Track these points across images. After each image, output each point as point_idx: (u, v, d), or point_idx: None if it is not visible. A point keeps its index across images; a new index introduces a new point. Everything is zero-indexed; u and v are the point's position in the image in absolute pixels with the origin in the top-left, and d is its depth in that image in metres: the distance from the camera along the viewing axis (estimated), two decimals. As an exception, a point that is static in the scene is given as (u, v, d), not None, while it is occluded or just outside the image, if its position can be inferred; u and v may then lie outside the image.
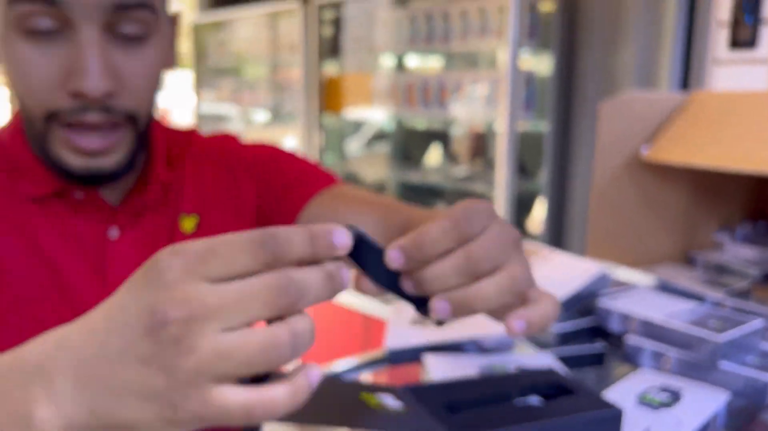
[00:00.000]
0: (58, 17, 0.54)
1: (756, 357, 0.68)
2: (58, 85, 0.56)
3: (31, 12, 0.54)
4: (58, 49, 0.55)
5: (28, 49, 0.55)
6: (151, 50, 0.60)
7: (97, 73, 0.55)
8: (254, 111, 3.18)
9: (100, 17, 0.55)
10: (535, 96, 1.94)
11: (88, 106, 0.56)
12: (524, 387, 0.54)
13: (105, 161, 0.60)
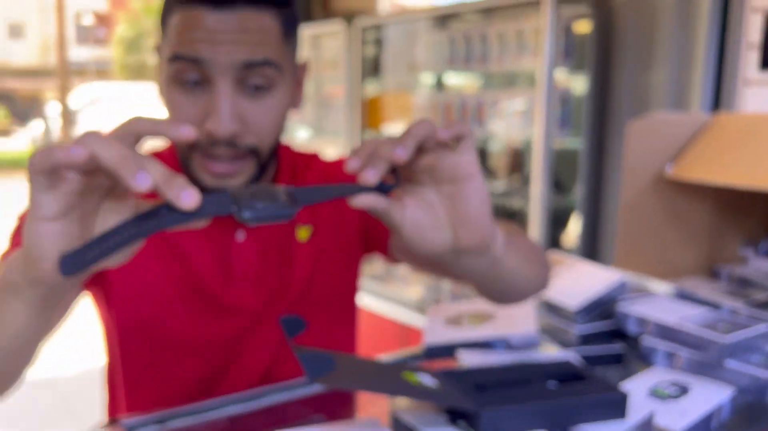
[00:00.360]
0: (201, 72, 0.67)
1: (762, 357, 0.75)
2: (197, 124, 0.68)
3: (183, 68, 0.68)
4: (200, 97, 0.69)
5: (178, 95, 0.69)
6: (274, 99, 0.71)
7: (225, 119, 0.67)
8: (299, 126, 3.33)
9: (232, 73, 0.67)
10: (570, 114, 2.01)
11: (217, 142, 0.69)
12: (543, 374, 0.63)
13: (231, 182, 0.72)
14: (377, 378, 0.55)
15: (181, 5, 0.68)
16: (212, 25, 0.66)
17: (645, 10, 1.93)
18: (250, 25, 0.67)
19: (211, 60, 0.66)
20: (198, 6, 0.67)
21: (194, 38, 0.67)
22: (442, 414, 0.58)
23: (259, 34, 0.68)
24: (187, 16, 0.67)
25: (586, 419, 0.57)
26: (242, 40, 0.67)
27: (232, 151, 0.69)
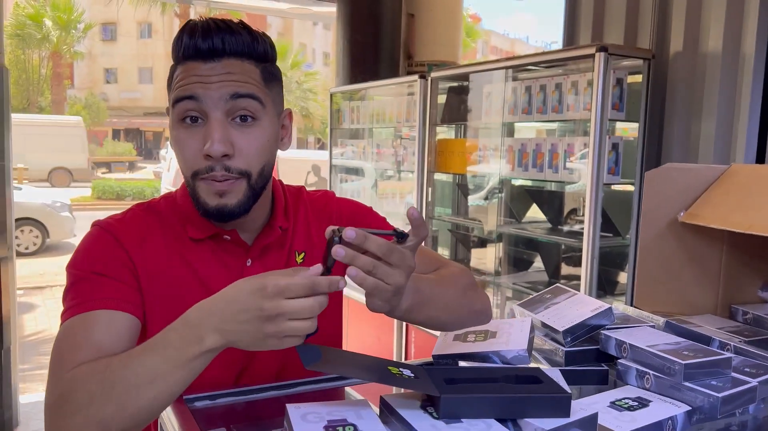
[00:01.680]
0: (199, 110, 0.86)
1: (720, 382, 0.85)
2: (198, 153, 0.86)
3: (184, 107, 0.86)
4: (199, 131, 0.86)
5: (183, 132, 0.88)
6: (259, 130, 0.88)
7: (217, 141, 0.84)
8: (380, 166, 3.57)
9: (222, 106, 0.85)
10: (623, 160, 2.10)
11: (214, 167, 0.86)
12: (507, 376, 0.78)
13: (228, 200, 0.88)
14: (364, 368, 0.73)
15: (180, 63, 0.88)
16: (204, 72, 0.85)
17: (694, 64, 2.02)
18: (234, 69, 0.86)
19: (205, 95, 0.84)
20: (192, 61, 0.86)
21: (190, 82, 0.85)
22: (418, 402, 0.74)
23: (243, 75, 0.87)
24: (185, 68, 0.87)
25: (532, 413, 0.72)
26: (229, 79, 0.85)
27: (225, 174, 0.86)
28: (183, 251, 0.95)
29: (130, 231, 0.93)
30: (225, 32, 0.87)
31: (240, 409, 0.90)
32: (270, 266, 0.97)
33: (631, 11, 2.35)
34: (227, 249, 0.97)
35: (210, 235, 0.95)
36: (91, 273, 0.87)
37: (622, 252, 2.28)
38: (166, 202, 1.00)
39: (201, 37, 0.86)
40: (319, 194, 1.11)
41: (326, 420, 0.67)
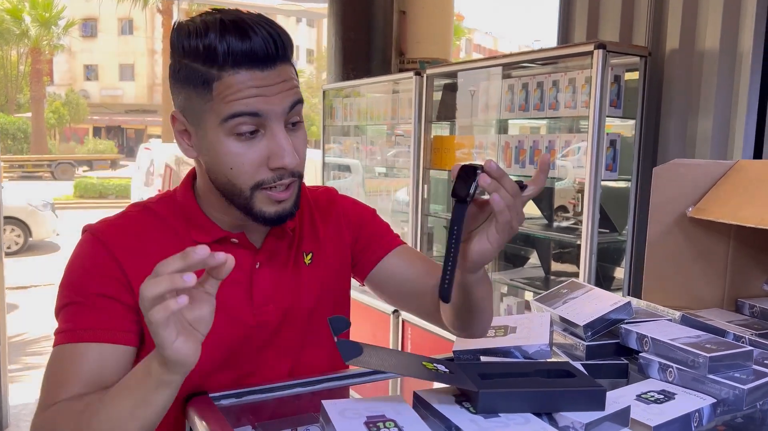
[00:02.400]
0: (257, 123, 0.81)
1: (743, 374, 0.86)
2: (261, 164, 0.82)
3: (241, 123, 0.80)
4: (259, 143, 0.82)
5: (238, 146, 0.81)
6: (303, 131, 0.88)
7: (290, 153, 0.82)
8: (372, 163, 3.57)
9: (283, 117, 0.82)
10: (620, 157, 2.12)
11: (284, 175, 0.84)
12: (539, 370, 0.78)
13: (287, 205, 0.87)
14: (400, 363, 0.73)
15: (227, 70, 0.78)
16: (262, 82, 0.79)
17: (691, 62, 2.05)
18: (286, 75, 0.82)
19: (268, 110, 0.80)
20: (246, 69, 0.78)
21: (250, 95, 0.78)
22: (452, 397, 0.74)
23: (292, 80, 0.83)
24: (237, 78, 0.78)
25: (567, 407, 0.72)
26: (286, 89, 0.81)
27: (293, 179, 0.85)
28: None
29: (123, 237, 0.89)
30: (270, 31, 0.79)
31: (264, 407, 0.89)
32: (279, 269, 0.96)
33: (627, 8, 2.37)
34: (235, 253, 0.91)
35: (216, 239, 0.91)
36: (83, 297, 0.85)
37: (618, 248, 2.31)
38: (164, 203, 0.95)
39: (254, 41, 0.78)
40: (321, 191, 1.08)
41: (365, 416, 0.67)
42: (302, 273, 0.98)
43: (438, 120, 2.98)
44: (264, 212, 0.86)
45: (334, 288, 1.03)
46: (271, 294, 0.94)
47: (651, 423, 0.75)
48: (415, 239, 3.02)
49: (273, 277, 0.95)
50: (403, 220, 3.22)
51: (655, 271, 1.33)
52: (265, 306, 0.93)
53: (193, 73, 0.80)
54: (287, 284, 0.96)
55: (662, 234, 1.31)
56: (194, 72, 0.80)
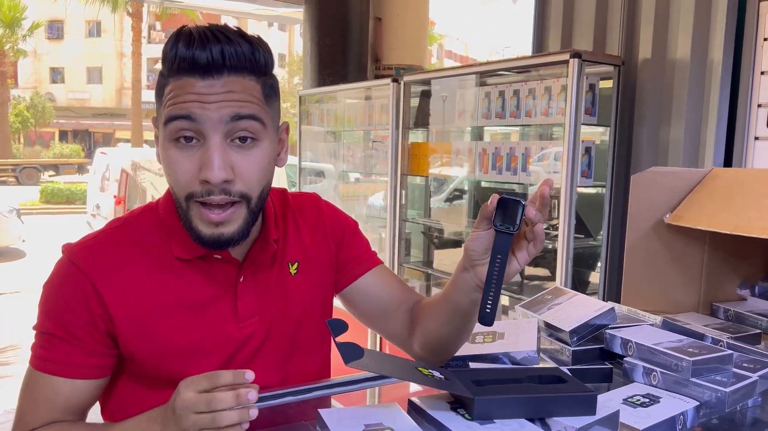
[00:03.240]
0: (195, 130, 0.79)
1: (724, 377, 0.89)
2: (194, 176, 0.80)
3: (179, 127, 0.79)
4: (194, 152, 0.80)
5: (176, 152, 0.81)
6: (259, 151, 0.83)
7: (216, 167, 0.78)
8: (348, 168, 3.57)
9: (221, 128, 0.79)
10: (595, 164, 2.17)
11: (212, 190, 0.80)
12: (531, 376, 0.80)
13: (226, 230, 0.82)
14: (398, 368, 0.73)
15: (173, 77, 0.80)
16: (202, 90, 0.78)
17: (663, 71, 2.10)
18: (234, 87, 0.79)
19: (203, 116, 0.78)
20: (188, 75, 0.79)
21: (187, 100, 0.78)
22: (447, 404, 0.75)
23: (244, 93, 0.80)
24: (180, 84, 0.79)
25: (560, 412, 0.74)
26: (229, 99, 0.79)
27: (224, 198, 0.80)
28: (167, 273, 0.89)
29: (102, 261, 0.87)
30: (225, 43, 0.79)
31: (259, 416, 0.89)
32: (263, 280, 0.95)
33: (600, 18, 2.42)
34: (218, 268, 0.91)
35: (199, 255, 0.90)
36: (60, 329, 0.85)
37: (593, 253, 2.35)
38: (145, 217, 0.93)
39: (198, 49, 0.78)
40: (305, 198, 1.07)
41: (362, 424, 0.68)
42: (288, 284, 0.97)
43: (415, 126, 3.00)
44: (200, 231, 0.83)
45: (321, 295, 1.02)
46: (256, 307, 0.93)
47: (639, 426, 0.77)
48: (392, 244, 3.03)
49: (257, 290, 0.94)
50: (379, 225, 3.23)
51: (633, 276, 1.36)
52: (250, 319, 0.93)
53: (158, 81, 0.85)
54: (272, 296, 0.95)
55: (640, 240, 1.34)
56: (158, 79, 0.85)
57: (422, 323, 0.96)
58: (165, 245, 0.90)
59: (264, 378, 0.93)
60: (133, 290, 0.87)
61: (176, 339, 0.88)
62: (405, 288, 1.06)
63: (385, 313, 1.03)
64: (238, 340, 0.92)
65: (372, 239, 3.38)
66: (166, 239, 0.90)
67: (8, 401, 3.92)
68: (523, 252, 0.81)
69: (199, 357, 0.89)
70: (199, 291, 0.90)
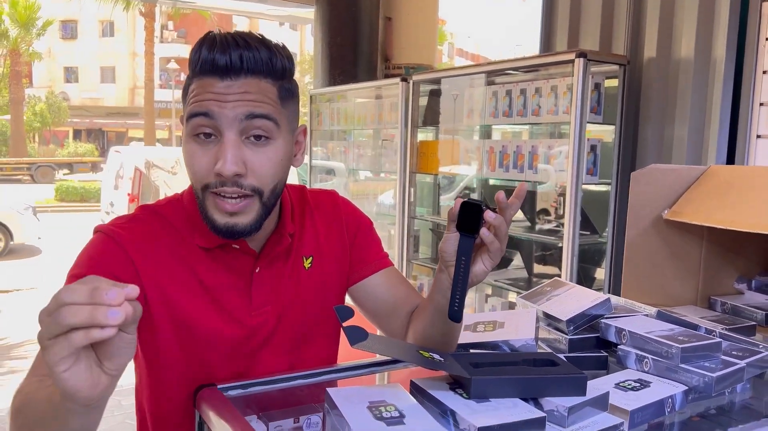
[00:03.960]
0: (213, 126, 0.85)
1: (712, 364, 0.93)
2: (209, 169, 0.86)
3: (198, 124, 0.86)
4: (212, 147, 0.86)
5: (195, 146, 0.87)
6: (272, 149, 0.88)
7: (229, 161, 0.84)
8: (359, 167, 3.63)
9: (237, 126, 0.85)
10: (599, 161, 2.21)
11: (225, 182, 0.85)
12: (526, 360, 0.85)
13: (239, 220, 0.88)
14: (400, 350, 0.79)
15: (197, 77, 0.87)
16: (220, 89, 0.84)
17: (668, 70, 2.13)
18: (251, 88, 0.85)
19: (220, 114, 0.84)
20: (209, 76, 0.85)
21: (206, 98, 0.85)
22: (446, 384, 0.80)
23: (259, 95, 0.86)
24: (202, 83, 0.86)
25: (552, 392, 0.78)
26: (245, 99, 0.85)
27: (236, 190, 0.86)
28: (189, 258, 0.96)
29: (135, 237, 0.93)
30: (243, 48, 0.85)
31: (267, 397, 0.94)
32: (277, 272, 1.00)
33: (606, 18, 2.45)
34: (236, 258, 0.97)
35: (218, 245, 0.96)
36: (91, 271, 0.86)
37: (599, 250, 2.39)
38: (172, 206, 1.00)
39: (219, 53, 0.85)
40: (323, 195, 1.12)
41: (367, 401, 0.73)
42: (301, 278, 1.03)
43: (424, 125, 3.05)
44: (215, 221, 0.88)
45: (334, 289, 1.08)
46: (269, 296, 0.99)
47: (628, 407, 0.82)
48: (401, 241, 3.08)
49: (271, 281, 1.00)
50: (389, 223, 3.28)
51: (632, 271, 1.40)
52: (262, 308, 0.98)
53: (186, 81, 0.91)
54: (285, 287, 1.01)
55: (639, 235, 1.38)
56: (186, 79, 0.91)
57: (413, 324, 1.03)
58: (188, 233, 0.96)
59: (273, 365, 1.00)
60: (161, 267, 0.93)
61: (192, 319, 0.94)
62: (410, 292, 1.10)
63: (388, 314, 1.08)
64: (250, 327, 0.98)
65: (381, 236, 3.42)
66: (190, 228, 0.96)
67: (26, 393, 3.99)
68: (485, 255, 0.87)
69: (212, 337, 0.95)
70: (217, 278, 0.96)
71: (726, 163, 1.90)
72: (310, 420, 0.92)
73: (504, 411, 0.72)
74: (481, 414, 0.70)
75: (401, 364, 1.07)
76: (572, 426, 0.75)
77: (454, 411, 0.71)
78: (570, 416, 0.75)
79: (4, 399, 3.71)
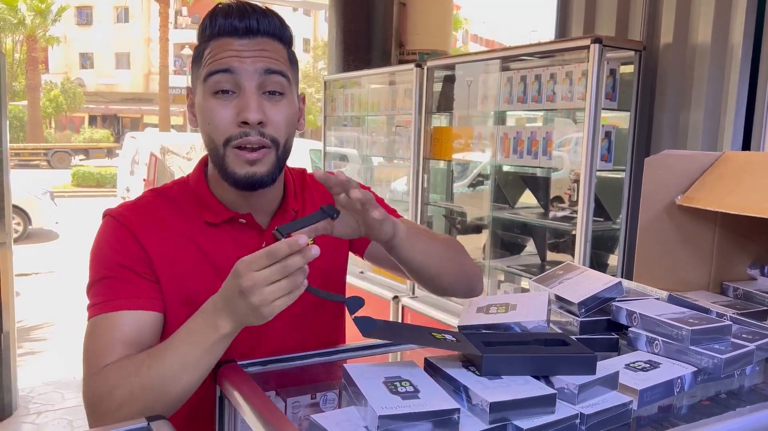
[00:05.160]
0: (233, 82, 0.91)
1: (722, 346, 0.95)
2: (232, 121, 0.92)
3: (218, 80, 0.91)
4: (232, 102, 0.92)
5: (215, 103, 0.92)
6: (285, 103, 0.96)
7: (254, 109, 0.91)
8: (372, 153, 3.64)
9: (256, 79, 0.92)
10: (615, 148, 2.20)
11: (249, 132, 0.91)
12: (537, 340, 0.86)
13: (258, 169, 0.93)
14: (412, 334, 0.81)
15: (213, 40, 0.93)
16: (239, 47, 0.91)
17: (684, 56, 2.12)
18: (266, 47, 0.93)
19: (240, 69, 0.90)
20: (227, 37, 0.92)
21: (226, 56, 0.91)
22: (459, 363, 0.82)
23: (274, 53, 0.94)
24: (219, 44, 0.92)
25: (562, 370, 0.80)
26: (262, 55, 0.92)
27: (259, 139, 0.92)
28: (197, 236, 0.99)
29: (142, 220, 0.97)
30: (259, 14, 0.93)
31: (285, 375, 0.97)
32: None
33: (622, 3, 2.44)
34: (243, 232, 1.01)
35: (225, 219, 1.00)
36: (113, 271, 0.93)
37: (612, 236, 2.39)
38: (178, 187, 1.04)
39: (237, 18, 0.92)
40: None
41: (383, 376, 0.75)
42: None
43: (438, 111, 3.05)
44: (235, 172, 0.94)
45: (336, 264, 1.13)
46: None
47: (638, 387, 0.84)
48: (414, 227, 3.09)
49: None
50: (401, 209, 3.29)
51: (645, 256, 1.41)
52: None
53: (195, 51, 0.97)
54: None
55: (652, 221, 1.39)
56: (196, 49, 0.97)
57: None
58: (195, 211, 1.00)
59: (282, 340, 1.04)
60: (169, 247, 0.97)
61: (201, 296, 0.96)
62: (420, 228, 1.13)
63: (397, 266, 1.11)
64: None
65: (395, 222, 3.44)
66: (196, 206, 1.01)
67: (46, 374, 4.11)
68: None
69: None
70: (224, 252, 0.99)
71: (741, 150, 1.90)
72: (326, 397, 0.95)
73: (516, 387, 0.74)
74: (493, 390, 0.73)
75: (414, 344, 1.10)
76: (582, 403, 0.77)
77: (467, 387, 0.73)
78: (580, 394, 0.77)
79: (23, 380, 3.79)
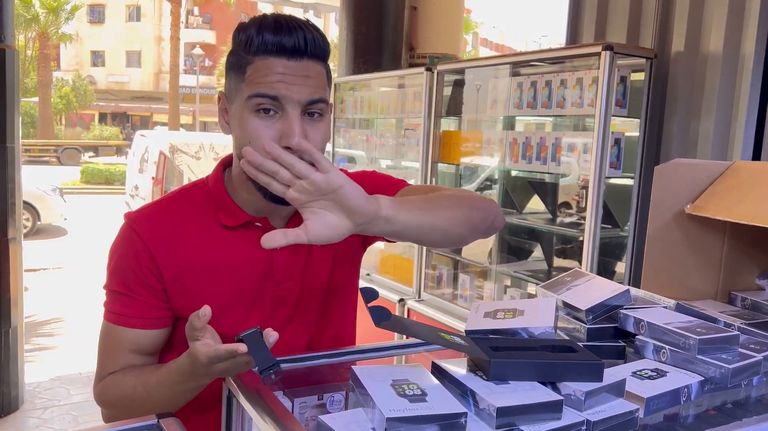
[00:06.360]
0: (276, 105, 0.92)
1: (729, 356, 0.95)
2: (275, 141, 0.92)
3: (263, 102, 0.92)
4: (274, 122, 0.92)
5: (257, 121, 0.92)
6: (324, 125, 0.97)
7: (299, 135, 0.90)
8: (380, 156, 3.65)
9: (300, 106, 0.92)
10: (623, 155, 2.20)
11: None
12: (545, 346, 0.87)
13: None
14: (422, 331, 0.81)
15: (258, 56, 0.91)
16: (286, 71, 0.91)
17: (695, 64, 2.12)
18: (311, 72, 0.93)
19: (286, 96, 0.91)
20: (274, 56, 0.91)
21: (273, 80, 0.90)
22: (466, 367, 0.83)
23: (317, 78, 0.94)
24: (265, 64, 0.91)
25: (569, 377, 0.81)
26: (307, 83, 0.92)
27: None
28: (213, 238, 1.01)
29: (157, 228, 1.00)
30: (305, 31, 0.92)
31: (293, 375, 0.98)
32: (296, 249, 1.05)
33: (634, 11, 2.44)
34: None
35: (242, 223, 1.02)
36: (124, 287, 0.99)
37: (620, 243, 2.39)
38: (198, 189, 1.06)
39: (286, 35, 0.90)
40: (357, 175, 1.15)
41: (391, 379, 0.76)
42: (314, 254, 1.08)
43: (447, 115, 3.06)
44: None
45: (346, 262, 1.13)
46: (290, 272, 1.05)
47: (644, 395, 0.84)
48: (422, 230, 3.09)
49: (292, 258, 1.05)
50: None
51: (653, 264, 1.41)
52: (284, 284, 1.04)
53: (236, 59, 0.95)
54: (304, 264, 1.06)
55: (661, 229, 1.39)
56: (237, 58, 0.95)
57: None
58: (213, 214, 1.02)
59: (294, 341, 1.06)
60: (182, 252, 1.00)
61: (216, 296, 0.99)
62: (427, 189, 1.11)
63: None
64: (271, 304, 1.04)
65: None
66: (214, 209, 1.03)
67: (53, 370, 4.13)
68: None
69: (234, 313, 1.01)
70: (240, 255, 1.02)
71: (752, 159, 1.89)
72: (333, 398, 0.95)
73: (522, 393, 0.75)
74: (501, 394, 0.73)
75: (421, 347, 1.11)
76: (589, 410, 0.78)
77: (474, 391, 0.74)
78: (587, 400, 0.77)
79: (30, 375, 3.82)
